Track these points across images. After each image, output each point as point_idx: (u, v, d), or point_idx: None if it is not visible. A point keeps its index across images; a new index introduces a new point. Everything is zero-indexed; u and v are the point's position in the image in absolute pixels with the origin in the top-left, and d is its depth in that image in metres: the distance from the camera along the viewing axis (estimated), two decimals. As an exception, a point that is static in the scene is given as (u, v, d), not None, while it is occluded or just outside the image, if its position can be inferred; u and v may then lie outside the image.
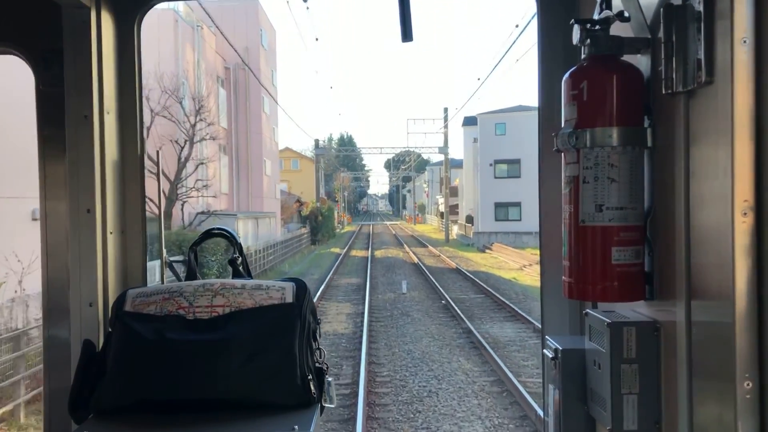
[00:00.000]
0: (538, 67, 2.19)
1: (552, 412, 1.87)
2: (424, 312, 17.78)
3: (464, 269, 27.65)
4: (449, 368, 11.98)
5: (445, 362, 12.41)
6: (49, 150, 2.38)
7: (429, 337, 14.62)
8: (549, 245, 2.15)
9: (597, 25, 1.57)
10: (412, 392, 10.54)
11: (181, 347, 1.80)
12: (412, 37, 1.94)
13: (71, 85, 2.20)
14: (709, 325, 1.30)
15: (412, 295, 20.91)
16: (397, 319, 16.87)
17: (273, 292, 1.92)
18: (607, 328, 1.59)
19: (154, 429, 1.76)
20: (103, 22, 2.23)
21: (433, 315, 17.32)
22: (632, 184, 1.53)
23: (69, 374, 2.02)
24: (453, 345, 13.82)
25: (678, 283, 1.39)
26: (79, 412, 1.88)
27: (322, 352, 2.00)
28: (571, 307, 2.10)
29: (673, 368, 1.45)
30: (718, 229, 1.23)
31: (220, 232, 2.35)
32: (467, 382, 11.05)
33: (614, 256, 1.53)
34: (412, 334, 14.91)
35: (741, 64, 1.17)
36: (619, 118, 1.52)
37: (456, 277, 25.59)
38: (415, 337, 14.67)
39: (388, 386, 10.89)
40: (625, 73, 1.54)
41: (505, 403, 9.90)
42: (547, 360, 1.91)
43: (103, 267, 2.21)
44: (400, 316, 17.20)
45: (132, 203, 2.32)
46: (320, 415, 1.89)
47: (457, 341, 14.14)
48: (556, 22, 2.10)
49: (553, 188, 1.98)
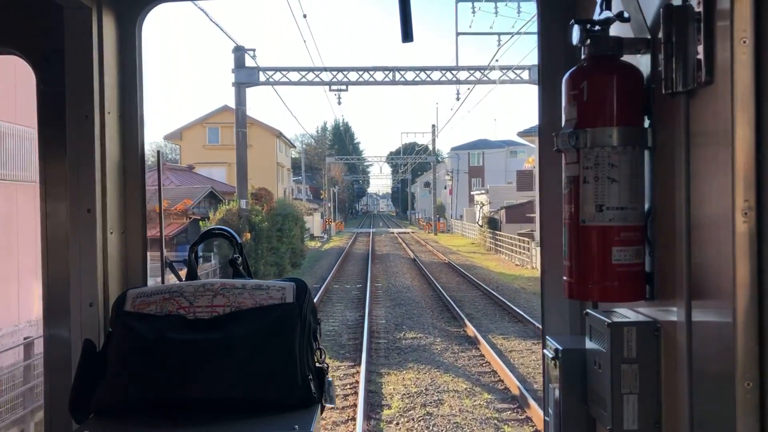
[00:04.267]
0: (538, 67, 2.20)
1: (552, 412, 1.87)
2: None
3: None
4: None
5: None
6: (49, 150, 2.38)
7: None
8: (549, 245, 2.15)
9: (597, 25, 1.57)
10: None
11: (182, 347, 1.80)
12: (413, 37, 1.95)
13: (72, 85, 2.20)
14: (710, 325, 1.30)
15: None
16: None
17: (273, 292, 1.92)
18: (607, 328, 1.59)
19: (154, 429, 1.76)
20: (105, 22, 2.23)
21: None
22: (632, 184, 1.53)
23: (69, 374, 2.02)
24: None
25: (678, 283, 1.39)
26: (79, 412, 1.88)
27: (322, 352, 2.00)
28: (571, 307, 2.10)
29: (674, 368, 1.45)
30: (719, 229, 1.23)
31: (220, 232, 2.35)
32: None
33: (615, 256, 1.53)
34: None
35: (741, 64, 1.17)
36: (619, 118, 1.52)
37: None
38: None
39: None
40: (625, 74, 1.54)
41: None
42: (547, 360, 1.91)
43: (104, 267, 2.21)
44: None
45: (132, 203, 2.33)
46: (321, 414, 1.89)
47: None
48: (557, 22, 2.10)
49: (553, 188, 1.98)
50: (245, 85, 25.63)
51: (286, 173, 61.12)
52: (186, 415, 1.78)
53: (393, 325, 15.92)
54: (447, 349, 13.23)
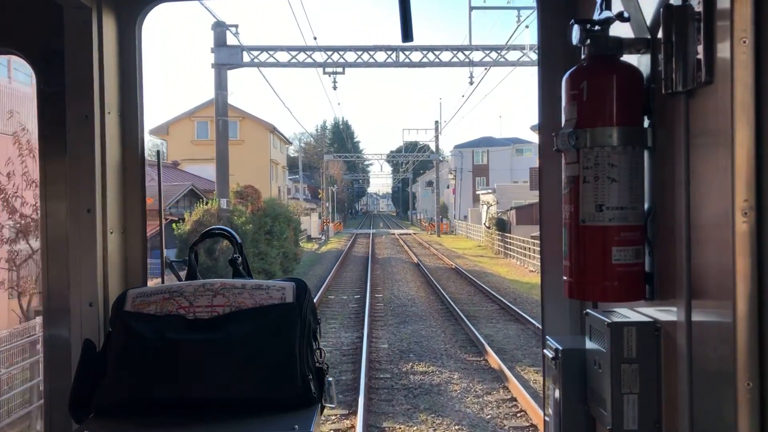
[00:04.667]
0: (538, 67, 2.20)
1: (552, 412, 1.87)
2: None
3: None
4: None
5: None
6: (49, 150, 2.39)
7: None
8: (549, 245, 2.15)
9: (597, 25, 1.57)
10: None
11: (182, 347, 1.80)
12: (413, 37, 1.95)
13: (72, 85, 2.20)
14: (710, 325, 1.30)
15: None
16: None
17: (273, 291, 1.92)
18: (607, 328, 1.59)
19: (154, 428, 1.76)
20: (105, 22, 2.23)
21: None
22: (632, 183, 1.53)
23: (69, 374, 2.02)
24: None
25: (678, 283, 1.39)
26: (79, 412, 1.88)
27: (322, 351, 2.00)
28: (571, 307, 2.10)
29: (674, 368, 1.45)
30: (718, 228, 1.23)
31: (220, 232, 2.35)
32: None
33: (615, 256, 1.53)
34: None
35: (741, 64, 1.17)
36: (619, 118, 1.52)
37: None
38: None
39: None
40: (624, 73, 1.54)
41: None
42: (547, 360, 1.91)
43: (103, 267, 2.21)
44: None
45: (132, 203, 2.33)
46: (320, 414, 1.89)
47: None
48: (556, 22, 2.10)
49: (553, 188, 1.98)
50: (226, 66, 22.09)
51: (281, 171, 58.11)
52: (186, 414, 1.78)
53: (397, 351, 12.93)
54: (468, 391, 10.23)
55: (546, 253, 2.20)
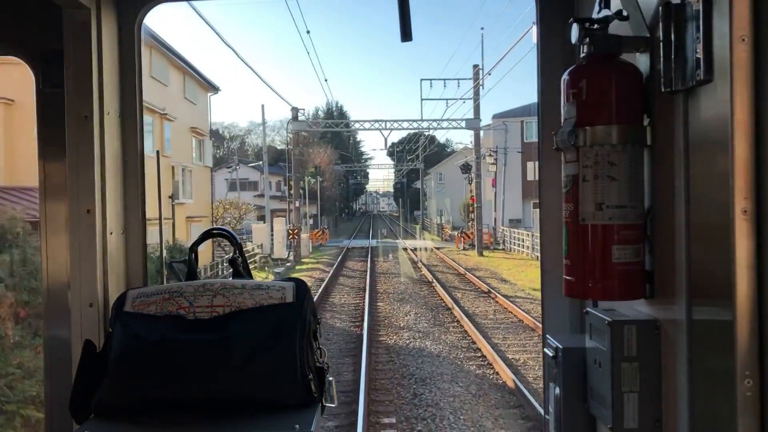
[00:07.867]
0: (538, 66, 2.20)
1: (553, 411, 1.87)
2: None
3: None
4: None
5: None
6: (49, 150, 2.39)
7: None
8: (549, 244, 2.15)
9: (596, 24, 1.57)
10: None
11: (182, 347, 1.80)
12: (412, 36, 1.95)
13: (71, 85, 2.20)
14: (710, 324, 1.30)
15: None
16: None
17: (273, 292, 1.92)
18: (607, 326, 1.59)
19: (154, 429, 1.76)
20: (104, 23, 2.23)
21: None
22: (632, 182, 1.53)
23: (69, 374, 2.02)
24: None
25: (678, 282, 1.39)
26: (79, 412, 1.88)
27: (322, 351, 2.00)
28: (571, 305, 2.10)
29: (674, 366, 1.45)
30: (718, 227, 1.23)
31: (220, 232, 2.35)
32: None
33: (614, 255, 1.53)
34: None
35: (740, 62, 1.17)
36: (618, 116, 1.52)
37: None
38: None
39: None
40: (624, 72, 1.54)
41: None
42: (547, 358, 1.91)
43: (103, 267, 2.21)
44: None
45: (132, 203, 2.33)
46: (321, 414, 1.89)
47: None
48: (556, 21, 2.10)
49: (553, 187, 1.98)
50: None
51: (209, 145, 37.99)
52: (186, 415, 1.78)
53: None
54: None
55: (546, 252, 2.20)
